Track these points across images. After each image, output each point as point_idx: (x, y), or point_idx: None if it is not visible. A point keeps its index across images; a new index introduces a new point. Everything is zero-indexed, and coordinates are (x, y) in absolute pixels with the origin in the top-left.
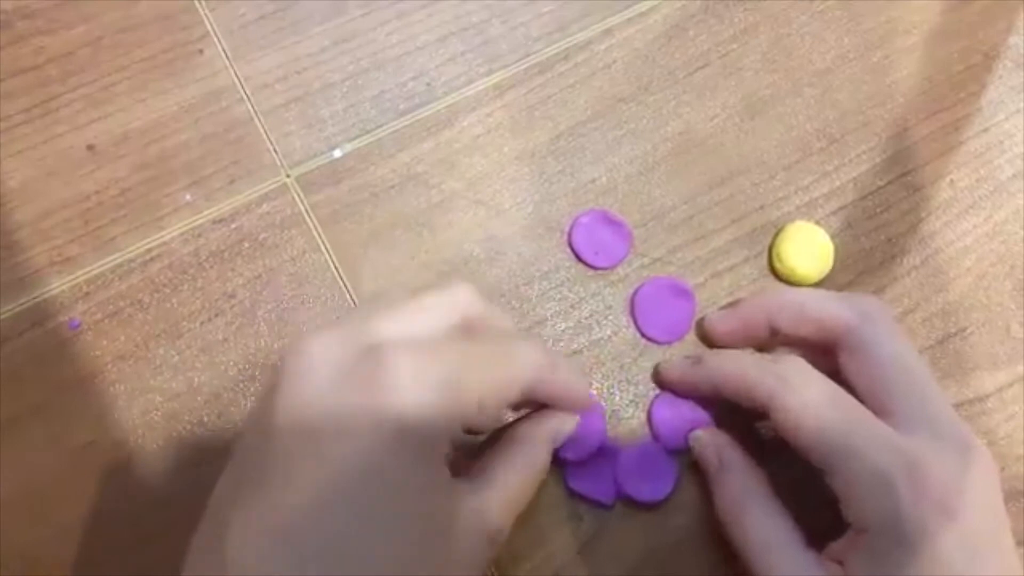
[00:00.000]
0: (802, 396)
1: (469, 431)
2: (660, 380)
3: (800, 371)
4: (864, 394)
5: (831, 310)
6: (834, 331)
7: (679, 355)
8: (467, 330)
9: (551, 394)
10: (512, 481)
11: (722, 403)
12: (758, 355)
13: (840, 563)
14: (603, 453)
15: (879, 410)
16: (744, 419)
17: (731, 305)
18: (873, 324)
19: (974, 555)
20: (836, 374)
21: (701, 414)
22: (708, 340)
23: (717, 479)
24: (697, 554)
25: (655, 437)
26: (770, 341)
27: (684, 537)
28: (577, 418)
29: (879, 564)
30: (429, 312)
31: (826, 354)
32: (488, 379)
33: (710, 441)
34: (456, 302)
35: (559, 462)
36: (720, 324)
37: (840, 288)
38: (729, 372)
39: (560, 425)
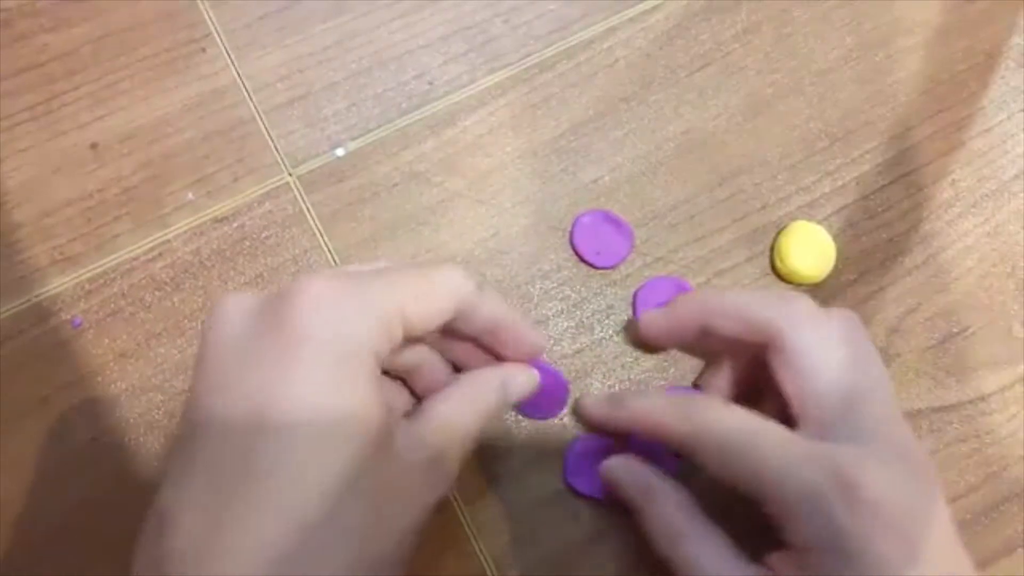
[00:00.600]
0: (718, 427)
1: (402, 367)
2: (581, 418)
3: (711, 406)
4: (793, 401)
5: (762, 313)
6: (764, 334)
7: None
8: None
9: (485, 313)
10: (449, 409)
11: None
12: (673, 398)
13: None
14: (603, 451)
15: (806, 418)
16: None
17: (667, 305)
18: (802, 329)
19: (913, 558)
20: (768, 381)
21: None
22: (640, 340)
23: (645, 511)
24: None
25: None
26: (702, 343)
27: None
28: (535, 372)
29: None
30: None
31: (758, 359)
32: (407, 293)
33: (627, 472)
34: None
35: (561, 459)
36: (652, 324)
37: (843, 287)
38: (645, 414)
39: (512, 372)
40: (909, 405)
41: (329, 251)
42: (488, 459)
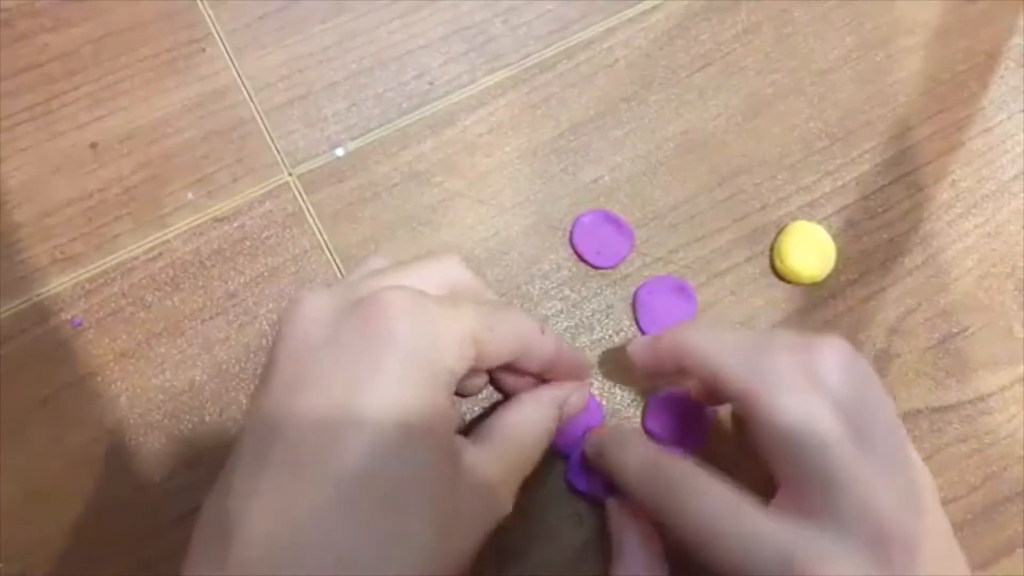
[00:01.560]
0: (694, 504)
1: (463, 393)
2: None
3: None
4: (769, 467)
5: (735, 373)
6: (737, 396)
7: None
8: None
9: (546, 353)
10: (516, 433)
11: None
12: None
13: None
14: None
15: (783, 489)
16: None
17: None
18: (780, 395)
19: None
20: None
21: (697, 415)
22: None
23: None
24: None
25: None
26: (683, 375)
27: None
28: (588, 387)
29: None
30: (418, 274)
31: None
32: (484, 324)
33: (620, 514)
34: (444, 270)
35: (561, 457)
36: (638, 355)
37: (843, 287)
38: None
39: (569, 391)
40: (909, 405)
41: (329, 251)
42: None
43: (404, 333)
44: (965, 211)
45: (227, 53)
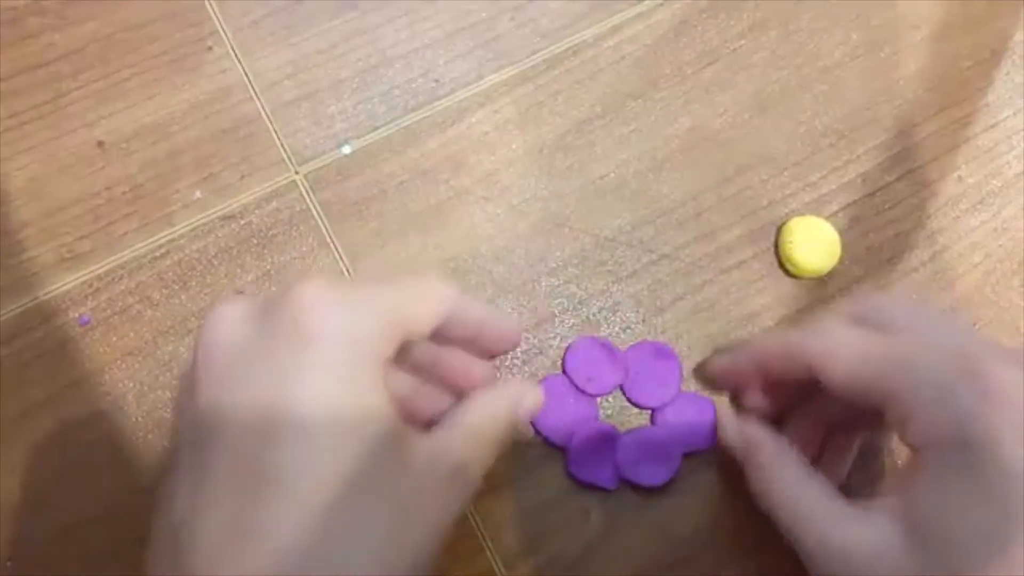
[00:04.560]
0: (841, 338)
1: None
2: (710, 375)
3: (836, 323)
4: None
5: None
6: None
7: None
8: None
9: (474, 312)
10: (472, 419)
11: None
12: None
13: (896, 499)
14: (604, 439)
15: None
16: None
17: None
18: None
19: None
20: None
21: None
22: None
23: (746, 458)
24: (705, 552)
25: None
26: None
27: (691, 535)
28: (539, 388)
29: (942, 475)
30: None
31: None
32: (403, 296)
33: (732, 423)
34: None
35: (560, 450)
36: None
37: (849, 283)
38: (770, 345)
39: (518, 391)
40: None
41: (336, 248)
42: (498, 457)
43: (321, 322)
44: (971, 207)
45: (234, 51)
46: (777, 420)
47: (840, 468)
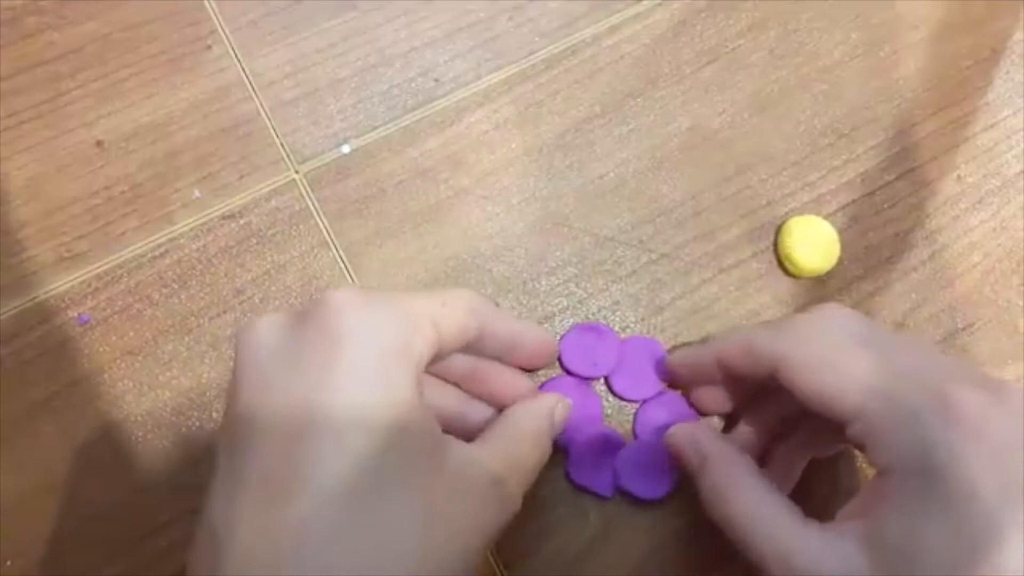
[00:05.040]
0: (812, 349)
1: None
2: (669, 371)
3: (808, 324)
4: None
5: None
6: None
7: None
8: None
9: (507, 327)
10: (508, 435)
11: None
12: (765, 324)
13: (861, 523)
14: (607, 445)
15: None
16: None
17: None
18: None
19: (1007, 484)
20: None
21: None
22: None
23: (699, 472)
24: (702, 552)
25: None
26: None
27: (689, 535)
28: (569, 401)
29: (907, 501)
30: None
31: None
32: (434, 303)
33: (685, 435)
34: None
35: (562, 450)
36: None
37: (848, 283)
38: (734, 343)
39: (555, 401)
40: None
41: (336, 248)
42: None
43: (355, 327)
44: (970, 206)
45: (233, 50)
46: (729, 418)
47: (787, 481)
